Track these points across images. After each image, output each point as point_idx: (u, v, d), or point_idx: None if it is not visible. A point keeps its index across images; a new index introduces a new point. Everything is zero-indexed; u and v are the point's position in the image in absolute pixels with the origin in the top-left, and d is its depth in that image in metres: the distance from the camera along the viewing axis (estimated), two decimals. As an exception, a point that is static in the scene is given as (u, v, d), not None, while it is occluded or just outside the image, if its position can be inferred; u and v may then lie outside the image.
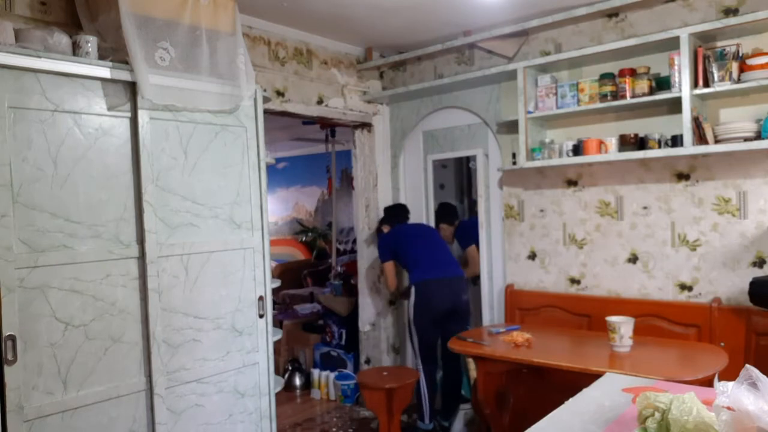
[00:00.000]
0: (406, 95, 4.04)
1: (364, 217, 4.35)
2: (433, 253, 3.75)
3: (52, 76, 2.05)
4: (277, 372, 3.70)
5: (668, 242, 3.07)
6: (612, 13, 3.17)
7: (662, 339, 2.90)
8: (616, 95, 2.99)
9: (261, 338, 2.72)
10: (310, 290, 6.10)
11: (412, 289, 3.67)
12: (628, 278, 3.21)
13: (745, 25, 2.63)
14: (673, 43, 2.76)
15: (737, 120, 2.74)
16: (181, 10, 2.39)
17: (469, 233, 4.03)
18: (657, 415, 1.25)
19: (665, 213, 3.08)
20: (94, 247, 2.17)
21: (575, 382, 1.83)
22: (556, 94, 3.21)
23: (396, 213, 4.07)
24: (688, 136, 2.72)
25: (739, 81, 2.64)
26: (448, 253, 3.82)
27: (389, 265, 3.89)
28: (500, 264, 3.76)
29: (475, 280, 4.00)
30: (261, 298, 2.72)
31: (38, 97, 2.02)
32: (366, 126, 4.26)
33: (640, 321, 2.83)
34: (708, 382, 1.58)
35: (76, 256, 2.11)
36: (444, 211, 4.25)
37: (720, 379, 1.13)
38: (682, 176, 3.02)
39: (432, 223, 4.19)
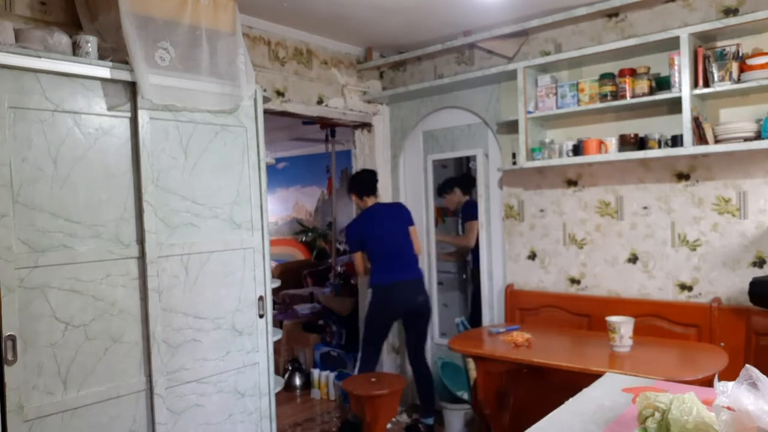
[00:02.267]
0: (406, 95, 4.04)
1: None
2: (397, 252, 3.69)
3: (52, 76, 2.05)
4: (277, 372, 3.70)
5: (668, 242, 3.07)
6: (612, 13, 3.17)
7: (662, 339, 2.90)
8: (616, 95, 2.99)
9: (261, 338, 2.72)
10: (310, 290, 6.10)
11: (370, 291, 3.67)
12: (628, 278, 3.21)
13: (745, 25, 2.63)
14: (673, 43, 2.76)
15: (737, 120, 2.74)
16: (181, 10, 2.39)
17: (471, 210, 4.04)
18: (657, 415, 1.25)
19: (665, 213, 3.08)
20: (94, 247, 2.17)
21: (575, 382, 1.83)
22: (556, 94, 3.21)
23: (365, 183, 3.84)
24: (688, 136, 2.72)
25: (739, 81, 2.64)
26: (412, 253, 3.75)
27: (359, 256, 3.77)
28: (500, 264, 3.76)
29: (475, 276, 3.98)
30: (261, 298, 2.72)
31: (38, 97, 2.02)
32: (366, 126, 4.26)
33: (640, 321, 2.83)
34: (708, 382, 1.58)
35: (76, 256, 2.11)
36: (464, 180, 4.31)
37: (720, 379, 1.13)
38: (682, 176, 3.02)
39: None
